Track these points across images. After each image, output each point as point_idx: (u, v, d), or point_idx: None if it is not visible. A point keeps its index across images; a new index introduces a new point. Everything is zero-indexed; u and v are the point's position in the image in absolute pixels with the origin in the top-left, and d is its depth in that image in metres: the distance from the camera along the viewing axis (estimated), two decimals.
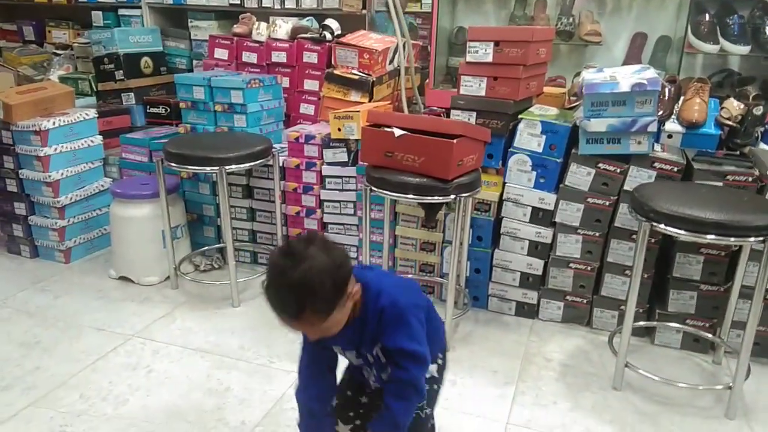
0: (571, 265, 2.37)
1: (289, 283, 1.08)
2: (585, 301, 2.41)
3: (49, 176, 2.73)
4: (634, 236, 2.24)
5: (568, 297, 2.42)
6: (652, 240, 2.21)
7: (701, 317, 2.25)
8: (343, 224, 2.70)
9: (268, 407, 1.87)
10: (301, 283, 1.08)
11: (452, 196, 2.01)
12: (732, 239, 1.72)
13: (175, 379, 2.02)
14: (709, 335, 2.22)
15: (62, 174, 2.77)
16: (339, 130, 2.53)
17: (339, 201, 2.67)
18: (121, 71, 3.31)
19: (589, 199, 2.27)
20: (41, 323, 2.36)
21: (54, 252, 2.89)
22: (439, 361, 1.38)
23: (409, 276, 2.64)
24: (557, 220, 2.34)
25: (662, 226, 1.80)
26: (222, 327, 2.36)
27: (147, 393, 1.95)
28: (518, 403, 1.93)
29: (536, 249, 2.39)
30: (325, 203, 2.69)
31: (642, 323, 2.30)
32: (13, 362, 2.10)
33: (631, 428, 1.83)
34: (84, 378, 2.02)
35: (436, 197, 1.99)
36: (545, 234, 2.36)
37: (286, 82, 2.99)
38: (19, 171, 2.80)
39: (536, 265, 2.41)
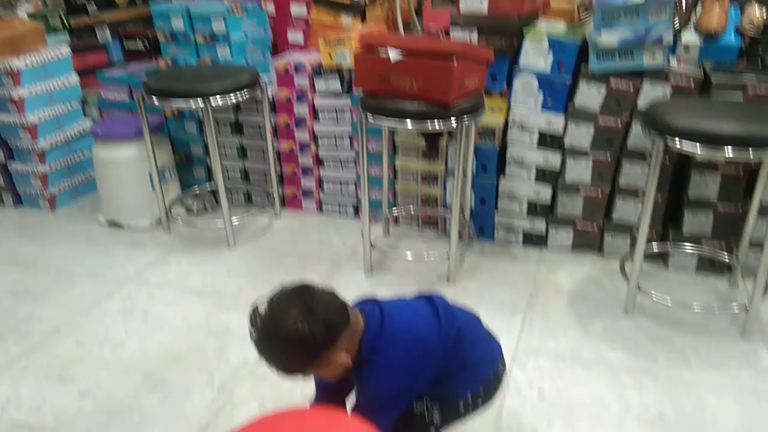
0: (580, 190, 2.36)
1: (259, 345, 1.14)
2: (596, 227, 2.41)
3: (26, 119, 2.69)
4: (647, 157, 2.23)
5: (577, 224, 2.42)
6: (667, 160, 2.19)
7: (717, 238, 2.26)
8: (339, 159, 2.68)
9: None
10: (270, 348, 1.13)
11: (454, 122, 1.98)
12: (751, 153, 1.70)
13: (173, 323, 2.05)
14: (726, 257, 2.23)
15: (39, 117, 2.74)
16: (330, 57, 2.48)
17: (334, 134, 2.64)
18: (94, 3, 3.21)
19: (600, 120, 2.24)
20: (31, 272, 2.38)
21: (38, 200, 2.88)
22: (474, 400, 1.32)
23: (411, 210, 2.64)
24: (566, 143, 2.31)
25: (677, 142, 1.77)
26: (218, 269, 2.38)
27: (145, 337, 1.99)
28: (526, 332, 1.97)
29: (544, 176, 2.38)
30: (320, 137, 2.67)
31: (655, 247, 2.31)
32: (5, 311, 2.13)
33: (643, 353, 1.87)
34: (79, 325, 2.05)
35: (436, 123, 1.96)
36: (553, 159, 2.35)
37: (271, 8, 2.90)
38: None
39: (544, 193, 2.40)
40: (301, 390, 1.73)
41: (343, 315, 1.13)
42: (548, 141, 2.33)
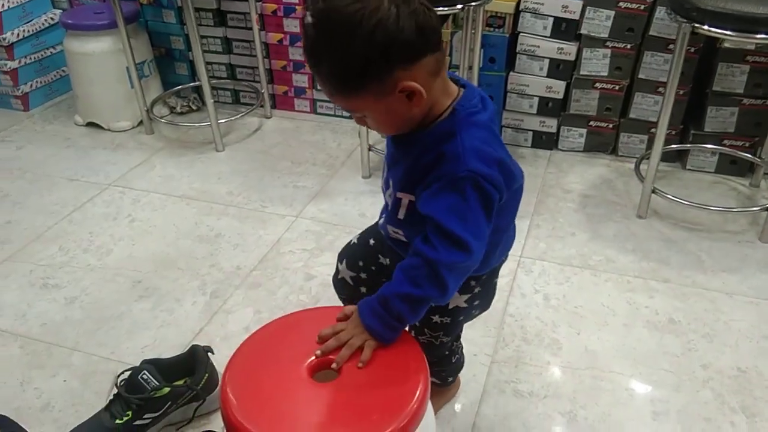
0: (597, 85, 2.29)
1: (316, 26, 0.85)
2: (611, 125, 2.36)
3: None
4: (671, 46, 2.14)
5: (591, 122, 2.37)
6: (692, 49, 2.11)
7: (741, 136, 2.21)
8: None
9: (264, 252, 1.91)
10: (330, 30, 0.84)
11: (459, 6, 1.88)
12: None
13: (160, 228, 2.05)
14: (749, 155, 2.20)
15: (3, 4, 2.61)
16: None
17: None
18: None
19: (621, 4, 2.13)
20: (6, 176, 2.35)
21: (9, 99, 2.81)
22: (476, 289, 1.12)
23: None
24: (583, 31, 2.22)
25: (706, 26, 1.69)
26: (207, 173, 2.35)
27: (132, 242, 1.99)
28: (533, 236, 1.97)
29: (557, 69, 2.30)
30: None
31: (674, 146, 2.27)
32: None
33: (655, 255, 1.87)
34: (61, 230, 2.05)
35: (439, 6, 1.86)
36: (568, 50, 2.26)
37: None
38: None
39: (557, 88, 2.33)
40: (297, 297, 1.74)
41: (437, 34, 0.89)
42: (563, 28, 2.23)
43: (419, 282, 0.94)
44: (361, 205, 2.14)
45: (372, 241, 1.22)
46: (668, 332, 1.60)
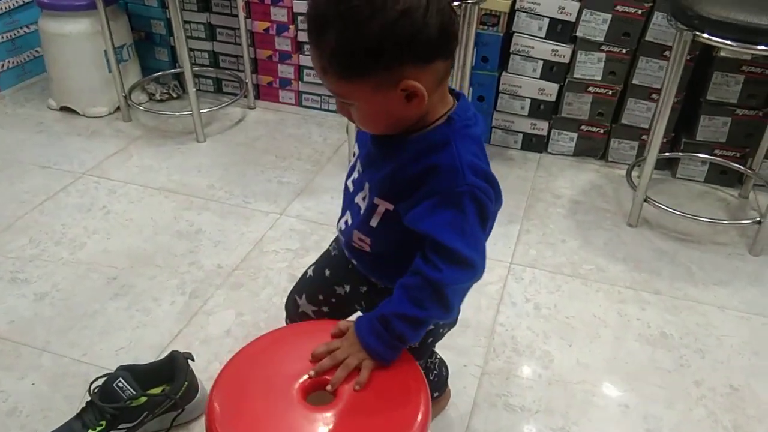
0: (590, 89, 2.26)
1: None
2: (602, 130, 2.33)
3: None
4: (666, 52, 2.12)
5: (583, 126, 2.34)
6: (688, 57, 2.08)
7: (732, 146, 2.20)
8: None
9: (247, 250, 1.84)
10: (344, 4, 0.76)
11: (456, 2, 1.82)
12: None
13: (137, 221, 1.97)
14: (739, 166, 2.18)
15: None
16: None
17: None
18: None
19: (619, 7, 2.09)
20: None
21: None
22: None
23: None
24: (579, 34, 2.18)
25: (707, 35, 1.66)
26: (186, 164, 2.27)
27: (107, 236, 1.90)
28: (523, 242, 1.93)
29: (551, 71, 2.26)
30: (300, 17, 2.48)
31: (667, 154, 2.24)
32: None
33: (646, 266, 1.85)
34: (32, 220, 1.96)
35: None
36: (563, 52, 2.22)
37: None
38: None
39: (550, 90, 2.29)
40: (281, 299, 1.67)
41: (456, 41, 0.84)
42: (559, 30, 2.19)
43: (422, 303, 0.89)
44: None
45: (327, 272, 1.16)
46: (660, 347, 1.58)
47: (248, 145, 2.42)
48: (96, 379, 1.27)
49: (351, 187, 1.01)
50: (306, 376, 0.89)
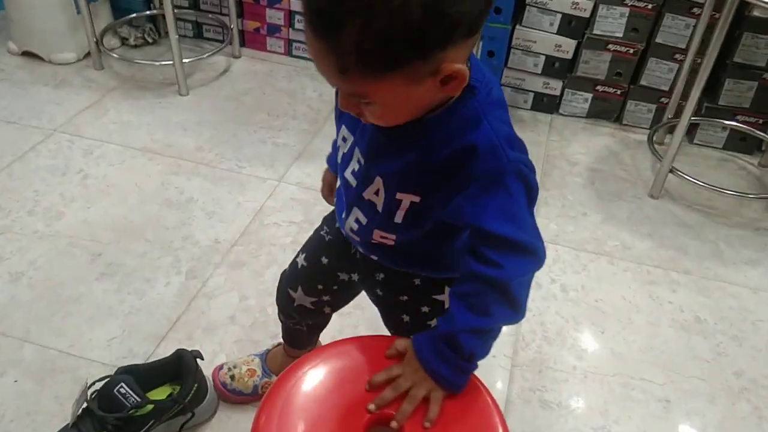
0: (609, 46, 2.11)
1: None
2: (619, 92, 2.20)
3: None
4: (695, 9, 1.98)
5: (599, 87, 2.20)
6: (716, 15, 1.94)
7: (755, 112, 2.10)
8: None
9: (245, 222, 1.68)
10: None
11: None
12: None
13: (119, 188, 1.78)
14: (763, 134, 2.09)
15: None
16: None
17: None
18: None
19: None
20: None
21: None
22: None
23: None
24: None
25: None
26: (170, 121, 2.07)
27: (86, 204, 1.71)
28: (542, 215, 1.81)
29: (569, 25, 2.10)
30: None
31: (695, 119, 2.12)
32: None
33: (671, 242, 1.76)
34: (0, 186, 1.75)
35: None
36: (584, 5, 2.06)
37: None
38: None
39: (567, 47, 2.14)
40: None
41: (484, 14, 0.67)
42: None
43: (488, 309, 0.76)
44: None
45: (325, 260, 1.01)
46: (695, 333, 1.50)
47: (236, 99, 2.22)
48: (93, 383, 1.12)
49: (352, 181, 0.84)
50: (365, 408, 0.75)
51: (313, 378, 0.79)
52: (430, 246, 0.85)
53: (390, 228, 0.83)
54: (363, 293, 1.03)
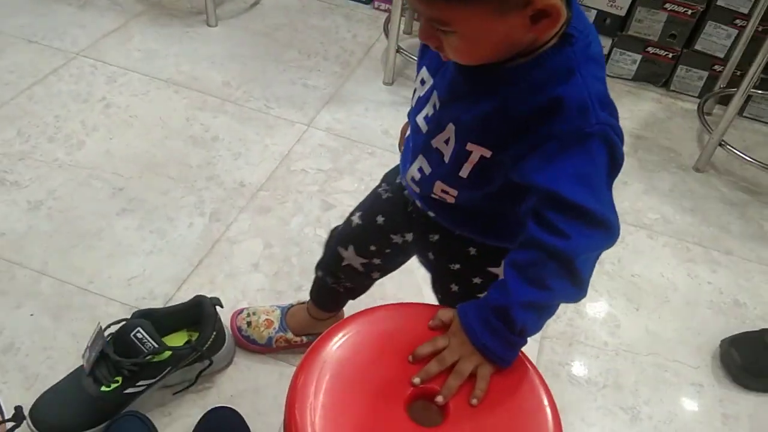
0: (667, 5, 2.00)
1: None
2: (671, 55, 2.09)
3: None
4: None
5: (650, 48, 2.09)
6: None
7: None
8: None
9: (272, 167, 1.63)
10: None
11: None
12: None
13: (143, 120, 1.72)
14: None
15: None
16: None
17: None
18: None
19: None
20: None
21: None
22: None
23: None
24: None
25: None
26: (197, 53, 1.99)
27: (108, 134, 1.66)
28: None
29: None
30: None
31: (758, 91, 2.01)
32: None
33: (715, 219, 1.69)
34: (19, 108, 1.70)
35: None
36: None
37: None
38: None
39: (621, 2, 2.03)
40: (314, 230, 1.49)
41: None
42: None
43: (547, 283, 0.70)
44: (383, 120, 1.85)
45: (381, 219, 0.96)
46: (734, 317, 1.45)
47: (267, 35, 2.13)
48: (108, 326, 1.08)
49: (423, 127, 0.79)
50: (409, 382, 0.71)
51: (354, 343, 0.75)
52: (491, 209, 0.79)
53: (453, 181, 0.78)
54: (413, 260, 0.98)
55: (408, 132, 0.85)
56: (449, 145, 0.75)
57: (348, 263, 1.02)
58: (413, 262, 1.00)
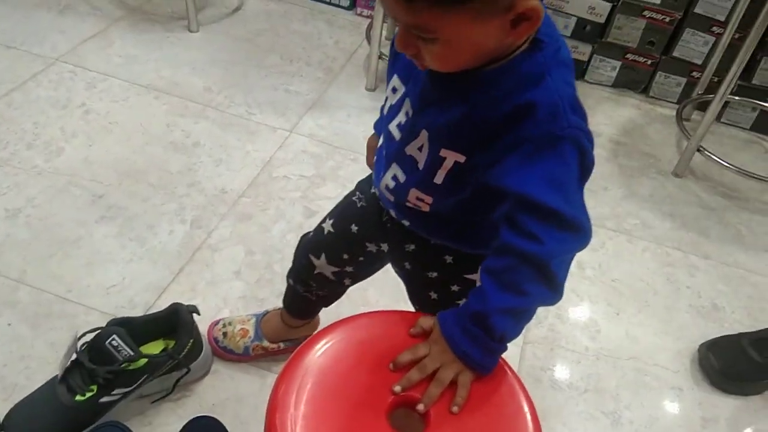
0: (645, 13, 2.02)
1: None
2: (650, 62, 2.12)
3: None
4: None
5: (629, 55, 2.12)
6: None
7: None
8: None
9: (253, 173, 1.62)
10: None
11: None
12: None
13: (123, 126, 1.71)
14: None
15: None
16: None
17: None
18: None
19: None
20: None
21: None
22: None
23: None
24: None
25: None
26: (178, 59, 1.98)
27: (88, 141, 1.65)
28: None
29: None
30: None
31: (734, 97, 2.04)
32: None
33: (693, 224, 1.71)
34: None
35: None
36: None
37: None
38: None
39: (601, 10, 2.05)
40: (296, 237, 1.48)
41: None
42: None
43: (523, 288, 0.71)
44: (366, 126, 1.82)
45: (354, 227, 0.96)
46: (712, 320, 1.47)
47: (249, 40, 2.12)
48: (83, 334, 1.07)
49: (396, 134, 0.78)
50: (390, 390, 0.71)
51: (335, 351, 0.75)
52: (466, 216, 0.79)
53: (428, 188, 0.77)
54: (385, 268, 0.98)
55: (380, 142, 0.85)
56: (423, 152, 0.75)
57: (319, 271, 1.02)
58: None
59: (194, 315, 1.16)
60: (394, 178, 0.81)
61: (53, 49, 1.93)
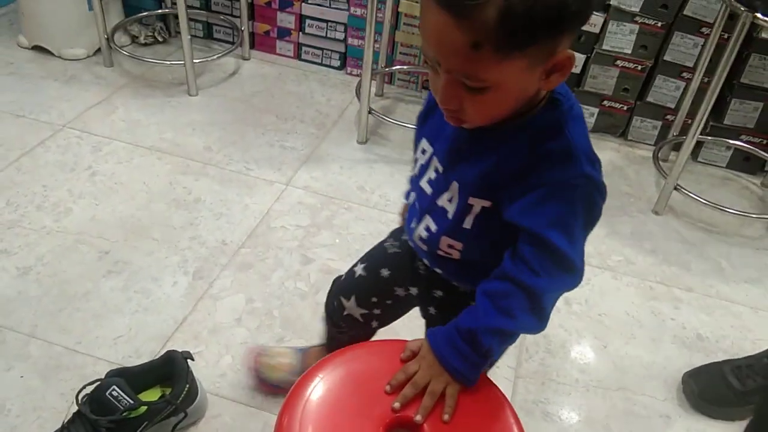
0: (618, 62, 2.13)
1: None
2: (625, 107, 2.22)
3: None
4: (704, 29, 2.00)
5: (605, 102, 2.22)
6: (725, 36, 1.97)
7: (760, 133, 2.13)
8: None
9: (252, 225, 1.69)
10: None
11: None
12: None
13: (128, 186, 1.78)
14: (765, 154, 2.11)
15: None
16: None
17: None
18: None
19: None
20: None
21: None
22: None
23: (412, 66, 2.36)
24: (613, 2, 2.04)
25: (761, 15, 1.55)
26: (179, 121, 2.07)
27: (94, 201, 1.72)
28: None
29: (578, 40, 2.12)
30: None
31: (702, 137, 2.13)
32: None
33: (675, 258, 1.77)
34: (8, 179, 1.76)
35: None
36: (594, 21, 2.08)
37: None
38: None
39: (575, 60, 2.14)
40: (294, 284, 1.54)
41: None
42: None
43: (513, 313, 0.77)
44: (358, 176, 1.93)
45: (386, 272, 1.03)
46: (697, 350, 1.51)
47: (245, 101, 2.23)
48: (83, 387, 1.12)
49: (428, 189, 0.86)
50: (387, 413, 0.77)
51: (333, 381, 0.80)
52: (494, 260, 0.83)
53: (458, 234, 0.84)
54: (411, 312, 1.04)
55: (410, 199, 0.92)
56: (452, 202, 0.82)
57: (348, 313, 1.08)
58: None
59: (188, 360, 1.21)
60: (427, 228, 0.87)
61: (60, 116, 2.03)
